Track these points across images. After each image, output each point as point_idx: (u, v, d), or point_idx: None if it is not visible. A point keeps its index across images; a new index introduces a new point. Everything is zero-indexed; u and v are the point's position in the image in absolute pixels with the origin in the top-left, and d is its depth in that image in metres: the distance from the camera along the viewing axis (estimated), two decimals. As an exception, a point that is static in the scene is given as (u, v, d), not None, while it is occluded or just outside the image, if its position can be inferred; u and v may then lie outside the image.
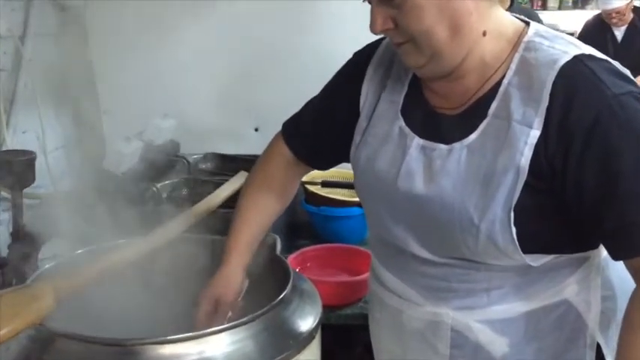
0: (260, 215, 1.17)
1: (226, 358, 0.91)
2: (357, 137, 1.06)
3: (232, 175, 1.58)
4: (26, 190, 1.43)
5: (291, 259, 1.55)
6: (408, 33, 0.91)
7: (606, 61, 0.92)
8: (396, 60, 1.04)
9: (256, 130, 2.02)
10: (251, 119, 2.00)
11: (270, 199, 1.18)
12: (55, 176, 1.79)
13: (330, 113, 1.12)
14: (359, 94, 1.07)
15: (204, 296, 1.09)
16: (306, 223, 1.90)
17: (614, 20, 3.87)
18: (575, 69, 0.89)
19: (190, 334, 0.90)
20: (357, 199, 1.76)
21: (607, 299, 1.04)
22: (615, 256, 0.92)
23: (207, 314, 1.08)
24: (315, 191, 1.81)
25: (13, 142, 1.69)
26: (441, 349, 1.01)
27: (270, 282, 1.14)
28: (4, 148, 1.63)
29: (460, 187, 0.92)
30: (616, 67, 0.92)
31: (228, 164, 1.87)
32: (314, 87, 1.18)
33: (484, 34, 0.92)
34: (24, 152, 1.38)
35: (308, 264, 1.62)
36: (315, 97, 1.17)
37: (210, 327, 0.99)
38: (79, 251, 1.13)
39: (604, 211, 0.88)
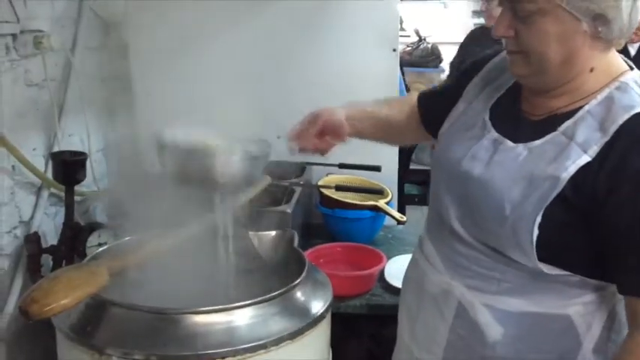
0: (377, 108, 1.39)
1: (249, 327, 1.05)
2: (452, 116, 1.22)
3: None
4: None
5: (307, 254, 1.71)
6: (524, 46, 1.01)
7: None
8: (503, 71, 1.17)
9: (278, 137, 2.18)
10: (274, 128, 2.15)
11: (392, 111, 1.39)
12: (97, 176, 1.98)
13: (449, 93, 1.27)
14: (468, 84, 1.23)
15: (309, 113, 1.33)
16: (320, 225, 2.06)
17: (632, 36, 3.99)
18: None
19: (221, 306, 1.06)
20: (367, 202, 1.94)
21: (610, 330, 1.09)
22: (625, 292, 1.00)
23: (303, 125, 1.32)
24: (330, 195, 1.96)
25: (60, 145, 1.89)
26: (447, 316, 1.14)
27: (288, 270, 1.29)
28: (55, 149, 1.83)
29: (508, 179, 1.03)
30: None
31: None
32: (329, 99, 1.35)
33: (591, 70, 1.02)
34: (76, 153, 1.58)
35: (321, 260, 1.77)
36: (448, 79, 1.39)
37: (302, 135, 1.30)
38: (127, 238, 1.30)
39: (630, 248, 0.96)
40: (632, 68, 1.07)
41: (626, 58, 1.08)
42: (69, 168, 1.50)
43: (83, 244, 1.54)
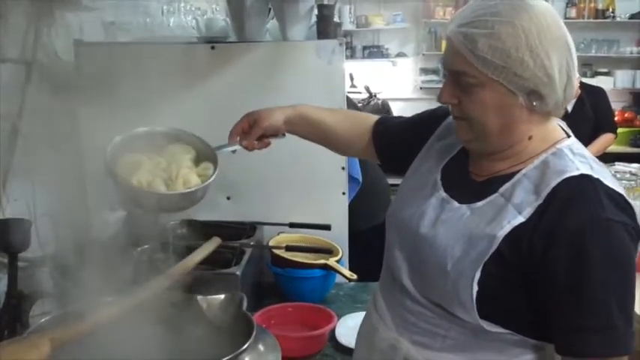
0: (322, 116, 1.44)
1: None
2: (409, 172, 1.28)
3: (206, 239, 1.75)
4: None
5: (256, 317, 1.71)
6: (466, 114, 1.08)
7: (612, 189, 1.01)
8: (453, 132, 1.23)
9: (228, 198, 2.20)
10: (223, 189, 2.17)
11: (341, 125, 1.45)
12: (43, 241, 1.94)
13: (408, 130, 1.37)
14: (428, 138, 1.29)
15: (245, 115, 1.37)
16: (273, 284, 2.06)
17: None
18: (579, 183, 1.01)
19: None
20: (318, 261, 1.96)
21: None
22: (561, 352, 1.03)
23: (242, 128, 1.36)
24: (281, 254, 1.98)
25: (6, 210, 1.85)
26: None
27: (237, 334, 1.28)
28: (-1, 216, 1.79)
29: (451, 237, 1.08)
30: (619, 198, 1.01)
31: (203, 230, 2.03)
32: (279, 161, 1.36)
33: (530, 138, 1.09)
34: (20, 220, 1.55)
35: (272, 321, 1.78)
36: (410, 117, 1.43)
37: (240, 141, 1.37)
38: (71, 308, 1.28)
39: (565, 308, 1.00)
40: (569, 136, 1.13)
41: (564, 126, 1.16)
42: (12, 236, 1.48)
43: (26, 314, 1.50)
